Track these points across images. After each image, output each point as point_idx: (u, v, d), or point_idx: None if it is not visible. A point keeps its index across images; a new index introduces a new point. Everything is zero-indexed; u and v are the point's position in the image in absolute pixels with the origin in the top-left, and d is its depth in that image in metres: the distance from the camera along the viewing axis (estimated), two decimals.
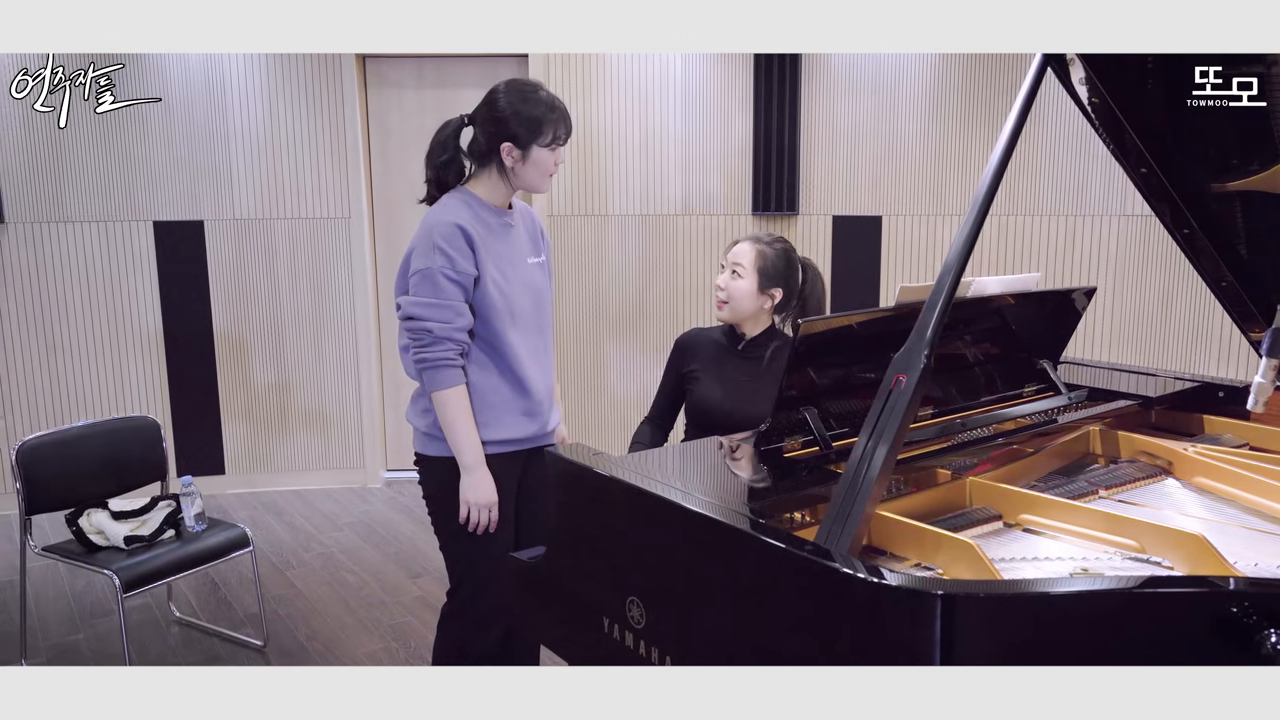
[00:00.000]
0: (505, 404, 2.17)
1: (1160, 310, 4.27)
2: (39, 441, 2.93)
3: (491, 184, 2.16)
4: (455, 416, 2.09)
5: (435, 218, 2.09)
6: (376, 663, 3.09)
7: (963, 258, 1.37)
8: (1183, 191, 1.75)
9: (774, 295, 2.33)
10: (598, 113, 4.61)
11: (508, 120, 2.08)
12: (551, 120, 2.09)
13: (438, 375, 2.08)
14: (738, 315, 2.34)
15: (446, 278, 2.05)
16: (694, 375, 2.38)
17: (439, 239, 2.05)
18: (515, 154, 2.10)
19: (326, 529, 4.29)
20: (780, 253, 2.34)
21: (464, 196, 2.14)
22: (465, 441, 2.11)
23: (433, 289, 2.06)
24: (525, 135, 2.08)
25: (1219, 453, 1.83)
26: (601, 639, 1.59)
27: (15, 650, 3.11)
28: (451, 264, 2.05)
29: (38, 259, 4.42)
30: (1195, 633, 1.13)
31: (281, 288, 4.70)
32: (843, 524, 1.27)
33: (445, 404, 2.09)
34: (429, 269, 2.05)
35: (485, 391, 2.15)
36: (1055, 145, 4.23)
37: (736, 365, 2.35)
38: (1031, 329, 2.14)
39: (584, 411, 4.85)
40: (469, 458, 2.11)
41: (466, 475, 2.12)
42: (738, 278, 2.31)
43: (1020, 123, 1.46)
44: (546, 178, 2.15)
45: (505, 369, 2.16)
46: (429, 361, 2.07)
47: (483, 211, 2.14)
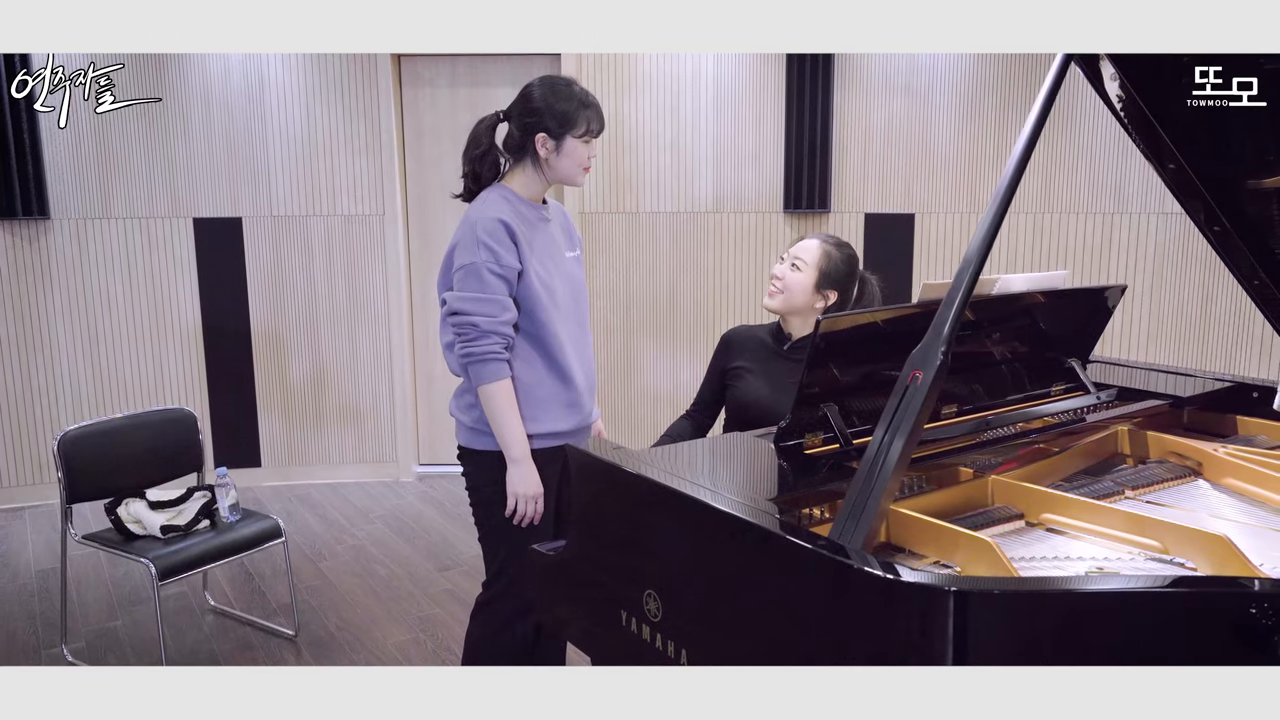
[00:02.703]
0: (550, 397, 2.19)
1: (1200, 309, 4.19)
2: (80, 432, 3.00)
3: (527, 178, 2.18)
4: (502, 410, 2.11)
5: (478, 213, 2.12)
6: (404, 653, 3.12)
7: (981, 254, 1.36)
8: (1215, 188, 1.72)
9: (828, 297, 2.30)
10: (630, 111, 4.62)
11: (541, 112, 2.11)
12: (584, 113, 2.13)
13: (484, 369, 2.09)
14: (787, 306, 2.32)
15: (491, 272, 2.07)
16: (738, 372, 2.37)
17: (483, 234, 2.08)
18: (549, 145, 2.13)
19: (359, 522, 4.35)
20: (846, 258, 2.32)
21: (502, 192, 2.17)
22: (513, 435, 2.12)
23: (478, 283, 2.08)
24: (558, 127, 2.11)
25: (1250, 454, 1.80)
26: (619, 632, 1.60)
27: (56, 635, 3.19)
28: (496, 258, 2.07)
29: (82, 254, 4.53)
30: (1213, 633, 1.12)
31: (317, 283, 4.77)
32: (857, 520, 1.27)
33: (492, 397, 2.10)
34: (474, 264, 2.08)
35: (530, 385, 2.16)
36: (1094, 142, 4.17)
37: (781, 365, 2.32)
38: (1060, 327, 2.12)
39: (615, 407, 4.87)
40: (516, 451, 2.13)
41: (514, 468, 2.14)
42: (797, 271, 2.30)
43: (1041, 120, 1.44)
44: (581, 170, 2.17)
45: (550, 362, 2.18)
46: (475, 356, 2.09)
47: (521, 206, 2.16)
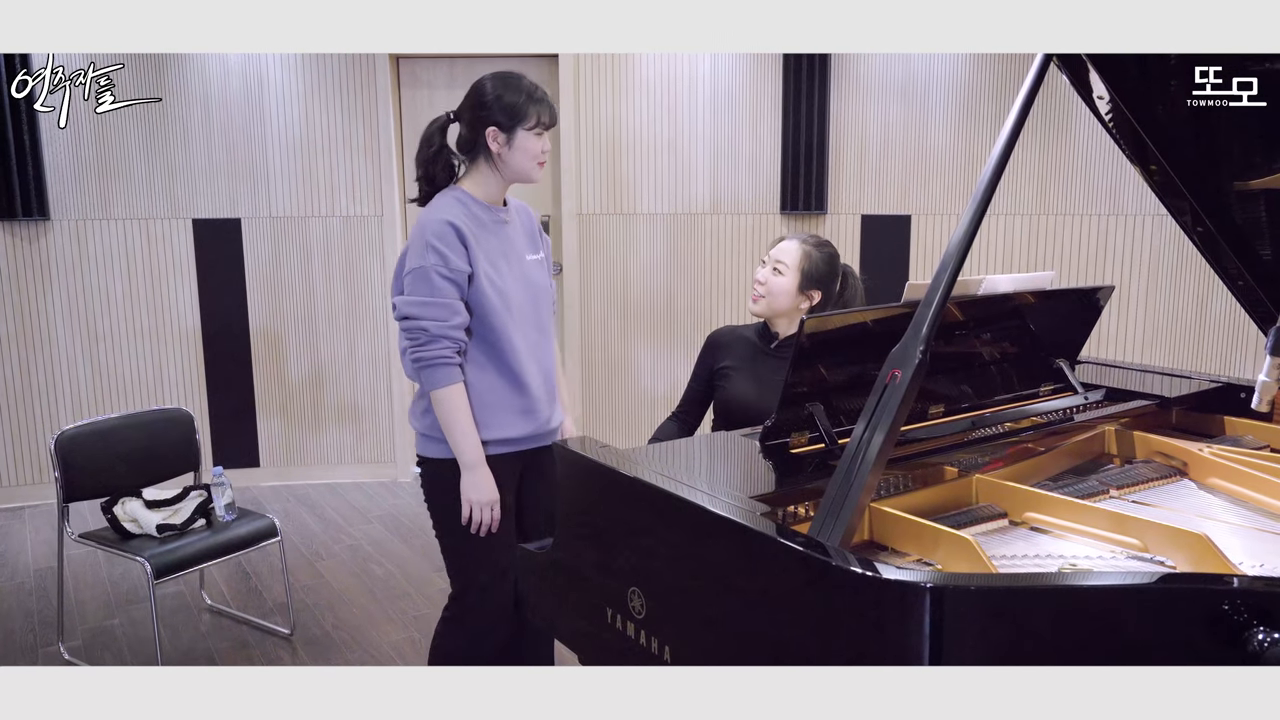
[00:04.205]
0: (502, 403, 2.16)
1: (1196, 312, 4.20)
2: (77, 431, 3.02)
3: (483, 178, 2.15)
4: (454, 415, 2.08)
5: (427, 216, 2.10)
6: (400, 653, 3.14)
7: (961, 252, 1.37)
8: (1199, 190, 1.73)
9: (812, 297, 2.32)
10: (627, 112, 4.64)
11: (491, 106, 2.08)
12: (534, 106, 2.09)
13: (435, 374, 2.07)
14: (772, 311, 2.34)
15: (440, 275, 2.05)
16: (725, 372, 2.38)
17: (431, 237, 2.05)
18: (501, 139, 2.09)
19: (356, 521, 4.36)
20: (826, 257, 2.33)
21: (456, 194, 2.14)
22: (465, 440, 2.10)
23: (427, 287, 2.05)
24: (508, 120, 2.08)
25: (1234, 454, 1.81)
26: (605, 629, 1.62)
27: (53, 633, 3.21)
28: (445, 261, 2.05)
29: (81, 255, 4.55)
30: (1186, 629, 1.13)
31: (316, 284, 4.79)
32: (835, 517, 1.28)
33: (443, 402, 2.08)
34: (423, 267, 2.05)
35: (482, 391, 2.14)
36: (1089, 146, 4.18)
37: (768, 364, 2.34)
38: (1048, 328, 2.12)
39: (611, 408, 4.88)
40: (469, 456, 2.10)
41: (468, 474, 2.11)
42: (779, 274, 2.31)
43: (1021, 118, 1.45)
44: (535, 165, 2.13)
45: (502, 367, 2.15)
46: (426, 360, 2.06)
47: (476, 208, 2.13)
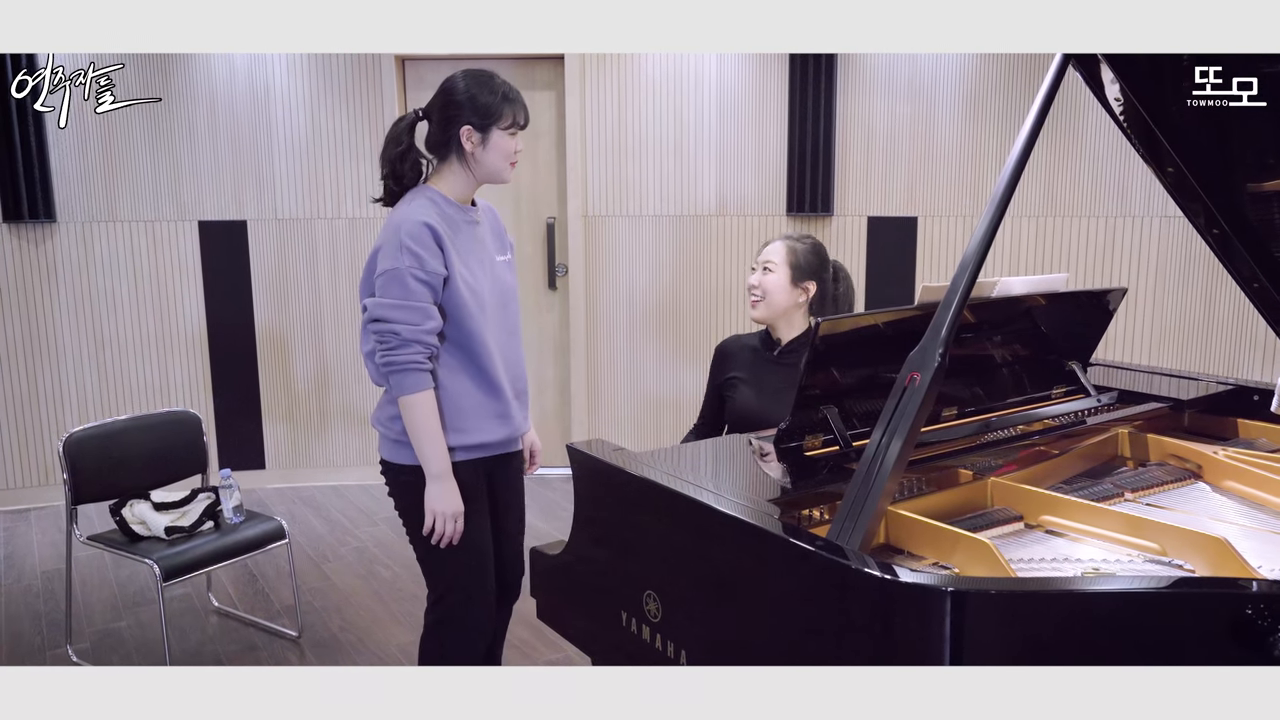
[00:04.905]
0: (477, 407, 2.10)
1: (1203, 313, 4.19)
2: (85, 434, 3.02)
3: (454, 178, 2.09)
4: (423, 422, 2.02)
5: (401, 216, 2.03)
6: (407, 654, 3.13)
7: (979, 255, 1.37)
8: (1214, 191, 1.72)
9: (807, 289, 2.32)
10: (633, 113, 4.63)
11: (464, 105, 2.03)
12: (508, 105, 2.05)
13: (405, 379, 2.00)
14: (772, 311, 2.33)
15: (415, 278, 1.98)
16: (732, 383, 2.38)
17: (406, 238, 1.98)
18: (475, 138, 2.04)
19: (362, 524, 4.36)
20: (810, 248, 2.34)
21: (428, 194, 2.08)
22: (433, 449, 2.03)
23: (401, 290, 1.98)
24: (482, 119, 2.03)
25: (1250, 457, 1.80)
26: (620, 632, 1.61)
27: (61, 635, 3.21)
28: (420, 264, 1.98)
29: (87, 257, 4.55)
30: (1208, 634, 1.12)
31: (321, 286, 4.78)
32: (854, 521, 1.27)
33: (412, 409, 2.01)
34: (397, 269, 1.98)
35: (456, 395, 2.07)
36: (1097, 146, 4.17)
37: (773, 371, 2.33)
38: (1060, 330, 2.12)
39: (617, 411, 4.88)
40: (436, 466, 2.04)
41: (433, 484, 2.05)
42: (770, 273, 2.31)
43: (1040, 121, 1.45)
44: (508, 165, 2.09)
45: (477, 371, 2.09)
46: (396, 365, 2.00)
47: (448, 209, 2.07)
